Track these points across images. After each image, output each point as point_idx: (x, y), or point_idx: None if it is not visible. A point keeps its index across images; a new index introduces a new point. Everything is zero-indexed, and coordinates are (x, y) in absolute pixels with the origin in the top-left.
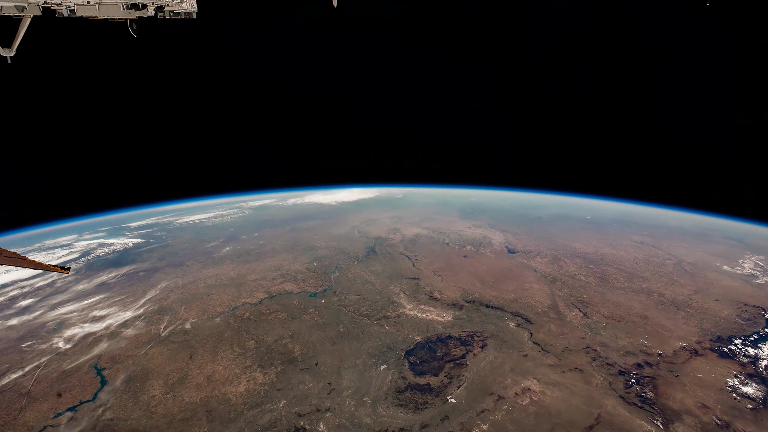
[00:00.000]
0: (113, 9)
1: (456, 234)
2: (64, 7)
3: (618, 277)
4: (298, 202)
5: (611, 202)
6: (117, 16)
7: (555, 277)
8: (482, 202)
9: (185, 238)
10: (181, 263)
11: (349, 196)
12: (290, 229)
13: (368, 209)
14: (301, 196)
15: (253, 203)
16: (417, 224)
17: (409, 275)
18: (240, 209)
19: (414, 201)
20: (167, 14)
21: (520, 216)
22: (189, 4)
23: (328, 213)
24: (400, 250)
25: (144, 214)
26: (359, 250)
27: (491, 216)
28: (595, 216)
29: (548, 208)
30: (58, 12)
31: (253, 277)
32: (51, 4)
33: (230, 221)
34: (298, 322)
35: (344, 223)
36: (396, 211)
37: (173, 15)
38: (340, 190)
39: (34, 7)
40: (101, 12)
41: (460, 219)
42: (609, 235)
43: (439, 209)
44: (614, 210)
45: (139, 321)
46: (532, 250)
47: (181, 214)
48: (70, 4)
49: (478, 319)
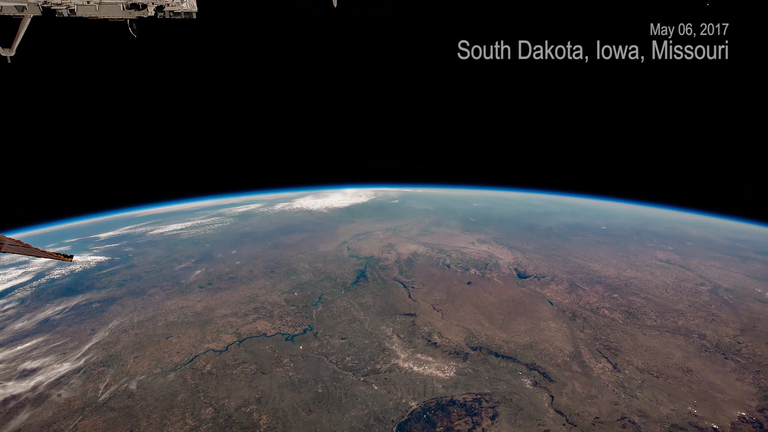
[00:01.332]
0: (113, 9)
1: (458, 252)
2: (64, 7)
3: (648, 311)
4: (286, 207)
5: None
6: (117, 16)
7: (574, 311)
8: (486, 209)
9: (154, 255)
10: (142, 291)
11: (341, 200)
12: (272, 245)
13: (361, 218)
14: (291, 199)
15: (238, 209)
16: (414, 239)
17: (404, 310)
18: (222, 217)
19: (411, 208)
20: (167, 14)
21: (529, 227)
22: (189, 4)
23: (317, 223)
24: (395, 275)
25: (122, 220)
26: (348, 274)
27: (497, 227)
28: (610, 225)
29: (558, 216)
30: (58, 12)
31: (223, 311)
32: (51, 4)
33: (208, 234)
34: (269, 378)
35: (333, 236)
36: (391, 221)
37: (173, 15)
38: (333, 191)
39: (34, 7)
40: (101, 12)
41: (462, 232)
42: (629, 251)
43: (439, 218)
44: (628, 214)
45: (76, 377)
46: (546, 273)
47: (159, 222)
48: (70, 4)
49: (486, 373)
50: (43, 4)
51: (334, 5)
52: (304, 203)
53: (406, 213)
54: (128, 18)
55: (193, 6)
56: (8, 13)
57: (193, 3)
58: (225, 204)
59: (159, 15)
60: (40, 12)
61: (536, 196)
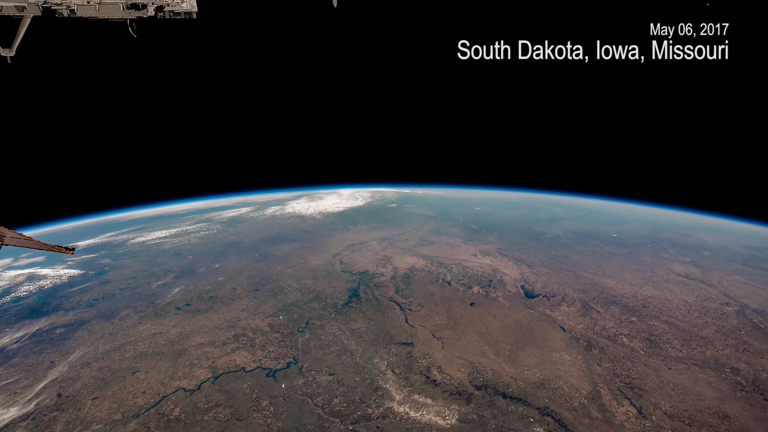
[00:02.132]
0: (113, 9)
1: (459, 266)
2: (64, 7)
3: (671, 339)
4: (277, 212)
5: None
6: (117, 16)
7: (589, 339)
8: (488, 214)
9: (132, 269)
10: (113, 313)
11: (336, 204)
12: (259, 258)
13: (356, 225)
14: (285, 201)
15: (227, 213)
16: (412, 250)
17: (400, 338)
18: (209, 223)
19: (410, 213)
20: (167, 14)
21: (535, 235)
22: (189, 4)
23: (308, 231)
24: (390, 294)
25: (107, 224)
26: (339, 293)
27: (500, 235)
28: (621, 232)
29: (565, 222)
30: (58, 12)
31: (199, 339)
32: (51, 4)
33: (192, 243)
34: (244, 427)
35: (325, 247)
36: (388, 229)
37: (173, 15)
38: (329, 192)
39: (34, 7)
40: (101, 12)
41: (464, 241)
42: (644, 264)
43: (439, 225)
44: (638, 219)
45: (22, 427)
46: (555, 291)
47: (143, 228)
48: (70, 4)
49: (492, 420)
50: (43, 4)
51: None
52: (297, 207)
53: (404, 219)
54: (128, 18)
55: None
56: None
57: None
58: (216, 207)
59: (159, 15)
60: (40, 12)
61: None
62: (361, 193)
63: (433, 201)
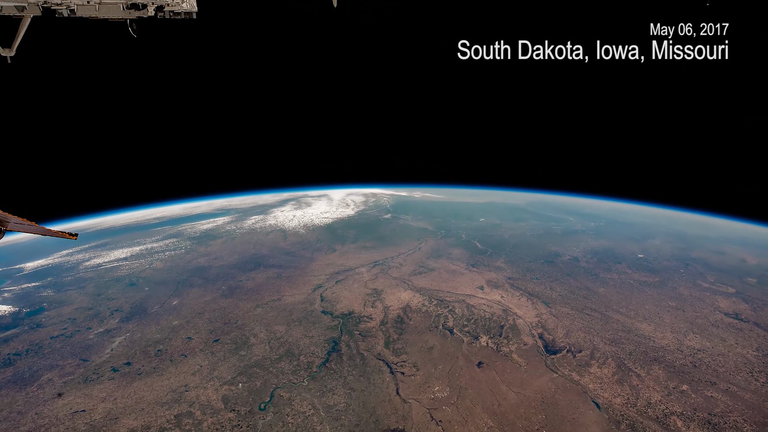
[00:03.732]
0: (113, 9)
1: (463, 304)
2: (64, 7)
3: (740, 421)
4: (258, 223)
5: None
6: (117, 16)
7: (633, 421)
8: (494, 227)
9: (74, 306)
10: (33, 377)
11: (325, 212)
12: (226, 291)
13: (343, 244)
14: (268, 209)
15: (201, 225)
16: (406, 280)
17: (388, 420)
18: (179, 239)
19: (406, 227)
20: (167, 14)
21: (549, 256)
22: (189, 4)
23: (289, 252)
24: (378, 348)
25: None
26: (316, 346)
27: (510, 257)
28: (646, 250)
29: (582, 237)
30: (58, 12)
31: (130, 423)
32: (51, 4)
33: (153, 268)
34: None
35: (306, 276)
36: (380, 249)
37: (173, 15)
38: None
39: (34, 7)
40: (101, 12)
41: (468, 266)
42: (682, 298)
43: (438, 244)
44: (661, 230)
45: None
46: (582, 343)
47: (103, 245)
48: (70, 4)
49: None
50: (43, 4)
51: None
52: (280, 216)
53: (398, 236)
54: (128, 18)
55: (193, 6)
56: (8, 13)
57: (193, 3)
58: (193, 214)
59: (159, 15)
60: (40, 12)
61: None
62: (353, 197)
63: (431, 208)
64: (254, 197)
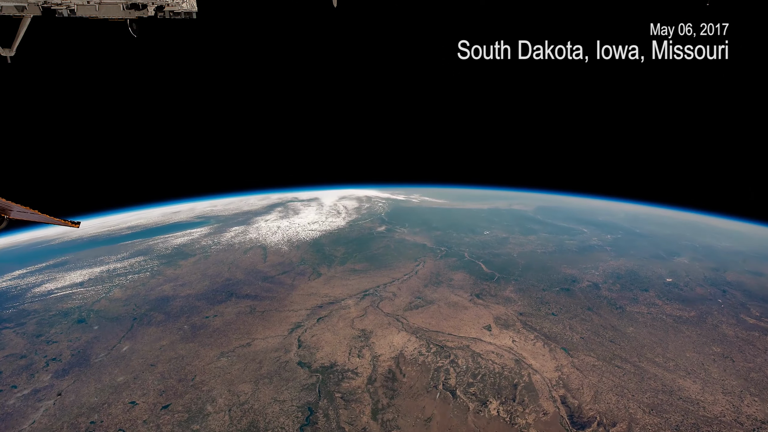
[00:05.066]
0: (113, 9)
1: (467, 352)
2: (64, 7)
3: None
4: (237, 237)
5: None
6: (117, 16)
7: None
8: (501, 242)
9: (4, 353)
10: None
11: (313, 222)
12: (188, 331)
13: (330, 267)
14: (251, 219)
15: (175, 240)
16: (400, 317)
17: None
18: (147, 256)
19: (401, 243)
20: (167, 14)
21: (566, 281)
22: (189, 4)
23: (267, 277)
24: (364, 421)
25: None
26: (287, 417)
27: (521, 284)
28: (674, 272)
29: (600, 255)
30: (58, 12)
31: None
32: (51, 4)
33: (110, 298)
34: None
35: (283, 311)
36: (371, 274)
37: (173, 15)
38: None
39: (34, 7)
40: (101, 12)
41: (472, 297)
42: (727, 341)
43: (438, 266)
44: (687, 244)
45: None
46: (615, 412)
47: (64, 262)
48: (70, 4)
49: None
50: (43, 4)
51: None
52: (263, 228)
53: (393, 254)
54: (128, 18)
55: (193, 6)
56: (8, 13)
57: (193, 3)
58: (170, 223)
59: (159, 15)
60: (40, 12)
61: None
62: (346, 201)
63: (431, 217)
64: (242, 199)
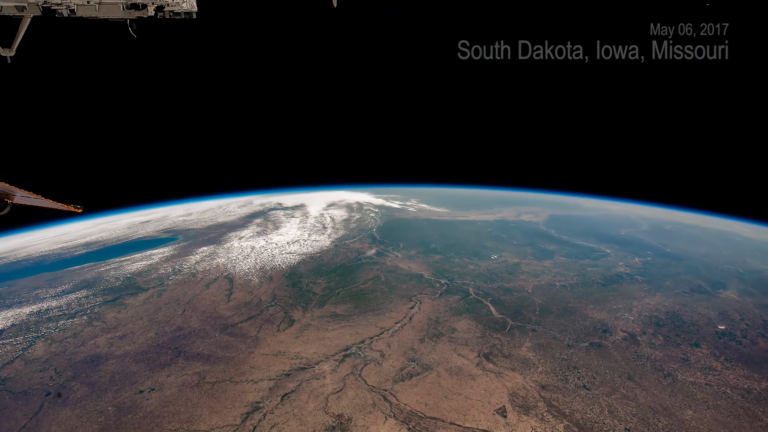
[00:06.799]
0: (113, 9)
1: None
2: (64, 7)
3: None
4: (203, 263)
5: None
6: (117, 16)
7: None
8: (511, 270)
9: None
10: None
11: (294, 239)
12: (112, 417)
13: (306, 309)
14: (224, 235)
15: (132, 265)
16: (389, 391)
17: None
18: (93, 291)
19: (394, 272)
20: (167, 14)
21: (595, 333)
22: (189, 4)
23: (226, 325)
24: None
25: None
26: None
27: (539, 336)
28: (725, 314)
29: (631, 288)
30: (58, 12)
31: None
32: (51, 4)
33: (27, 357)
34: None
35: (239, 383)
36: (355, 321)
37: (173, 15)
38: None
39: (34, 7)
40: (101, 12)
41: (480, 358)
42: None
43: (438, 306)
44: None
45: None
46: None
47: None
48: (70, 4)
49: None
50: (43, 4)
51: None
52: (235, 248)
53: (384, 290)
54: (128, 18)
55: (193, 6)
56: (8, 13)
57: (193, 3)
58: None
59: (159, 15)
60: (40, 12)
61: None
62: (334, 210)
63: (429, 233)
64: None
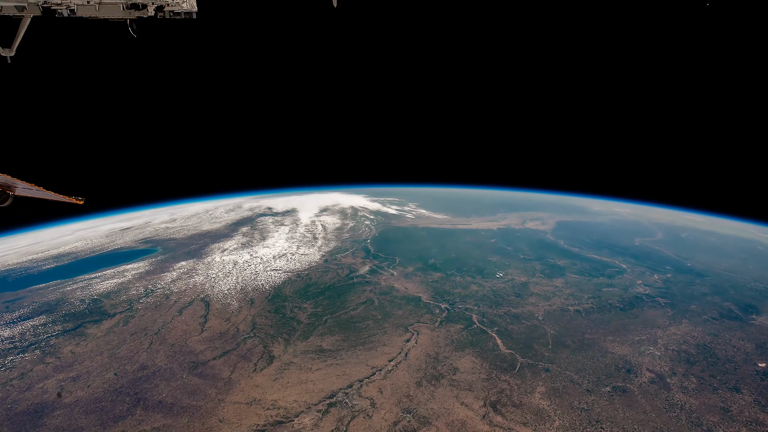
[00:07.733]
0: (113, 9)
1: None
2: (64, 7)
3: None
4: (179, 282)
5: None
6: (117, 16)
7: None
8: (519, 291)
9: None
10: None
11: (282, 252)
12: None
13: (289, 341)
14: (206, 247)
15: (102, 284)
16: None
17: None
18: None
19: (389, 294)
20: (167, 14)
21: (617, 373)
22: (189, 4)
23: (196, 363)
24: None
25: None
26: None
27: (553, 382)
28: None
29: (652, 314)
30: (58, 12)
31: None
32: (51, 4)
33: None
34: None
35: (212, 421)
36: (343, 359)
37: (173, 15)
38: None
39: (34, 7)
40: (101, 12)
41: (487, 408)
42: None
43: (438, 338)
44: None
45: None
46: None
47: None
48: (70, 4)
49: None
50: (43, 4)
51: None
52: (216, 263)
53: (377, 317)
54: (128, 18)
55: (193, 6)
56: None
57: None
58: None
59: (159, 15)
60: (40, 12)
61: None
62: (326, 218)
63: (428, 245)
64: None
